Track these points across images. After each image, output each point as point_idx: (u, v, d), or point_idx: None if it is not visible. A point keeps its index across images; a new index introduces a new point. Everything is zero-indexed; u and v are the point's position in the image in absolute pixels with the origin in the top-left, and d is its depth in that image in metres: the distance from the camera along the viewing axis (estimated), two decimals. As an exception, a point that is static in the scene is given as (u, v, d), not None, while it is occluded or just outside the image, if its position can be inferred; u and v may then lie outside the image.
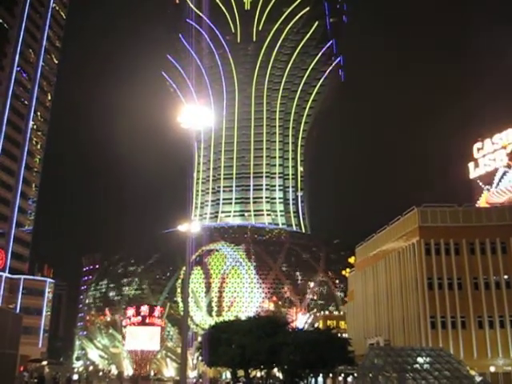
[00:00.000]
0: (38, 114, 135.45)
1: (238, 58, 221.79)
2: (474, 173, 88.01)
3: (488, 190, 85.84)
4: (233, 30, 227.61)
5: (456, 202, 67.90)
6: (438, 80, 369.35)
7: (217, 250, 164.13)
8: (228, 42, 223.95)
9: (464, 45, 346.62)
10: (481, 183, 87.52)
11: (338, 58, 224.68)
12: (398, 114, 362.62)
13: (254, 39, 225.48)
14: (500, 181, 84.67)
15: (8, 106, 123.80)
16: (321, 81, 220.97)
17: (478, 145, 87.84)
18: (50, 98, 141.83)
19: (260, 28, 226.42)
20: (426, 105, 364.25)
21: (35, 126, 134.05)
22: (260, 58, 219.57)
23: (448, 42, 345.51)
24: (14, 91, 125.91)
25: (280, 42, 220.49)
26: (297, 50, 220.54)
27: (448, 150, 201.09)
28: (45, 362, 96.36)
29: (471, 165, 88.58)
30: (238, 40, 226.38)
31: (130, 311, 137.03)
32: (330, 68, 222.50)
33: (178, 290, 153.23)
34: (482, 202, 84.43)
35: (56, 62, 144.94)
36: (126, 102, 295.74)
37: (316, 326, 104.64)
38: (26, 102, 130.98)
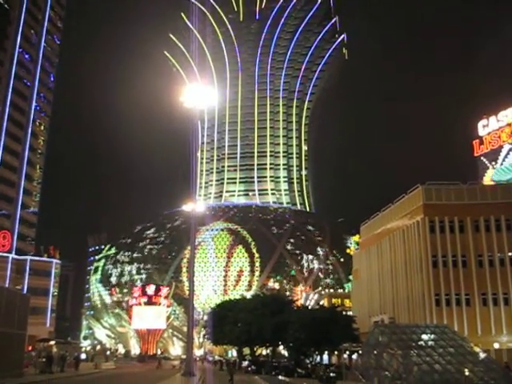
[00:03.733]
0: (41, 95, 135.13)
1: (240, 36, 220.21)
2: (478, 150, 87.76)
3: (493, 167, 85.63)
4: (235, 8, 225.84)
5: (460, 179, 67.69)
6: (442, 56, 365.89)
7: (221, 230, 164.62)
8: (231, 20, 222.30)
9: (464, 20, 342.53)
10: (486, 161, 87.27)
11: (342, 36, 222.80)
12: (402, 92, 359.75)
13: (257, 17, 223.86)
14: (505, 158, 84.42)
15: (11, 88, 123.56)
16: (324, 59, 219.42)
17: (483, 122, 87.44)
18: (52, 78, 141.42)
19: (263, 6, 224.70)
20: (431, 81, 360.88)
21: (38, 108, 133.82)
22: (263, 37, 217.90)
23: (450, 20, 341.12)
24: (16, 73, 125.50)
25: (283, 19, 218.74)
26: (300, 28, 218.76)
27: (453, 128, 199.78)
28: (52, 342, 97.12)
29: (476, 142, 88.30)
30: (241, 18, 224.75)
31: (136, 291, 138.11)
32: (334, 46, 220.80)
33: (184, 270, 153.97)
34: (486, 180, 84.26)
35: (58, 42, 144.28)
36: (129, 81, 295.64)
37: (321, 304, 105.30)
38: (28, 84, 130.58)
